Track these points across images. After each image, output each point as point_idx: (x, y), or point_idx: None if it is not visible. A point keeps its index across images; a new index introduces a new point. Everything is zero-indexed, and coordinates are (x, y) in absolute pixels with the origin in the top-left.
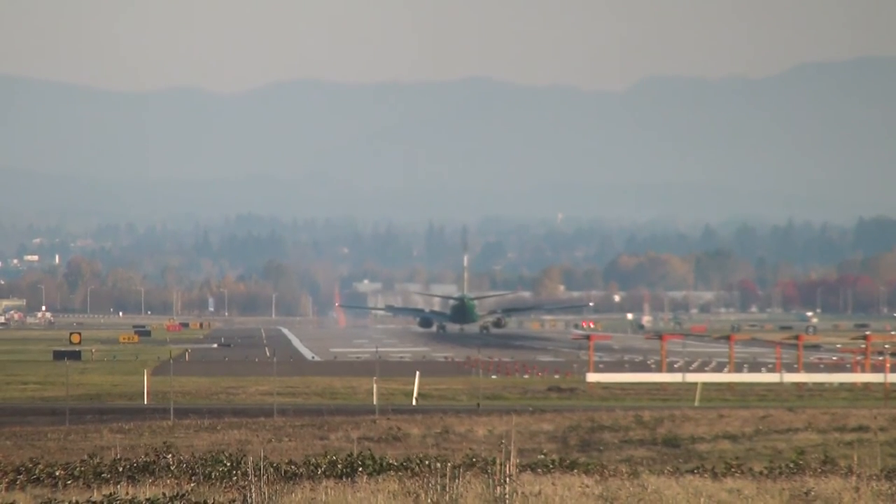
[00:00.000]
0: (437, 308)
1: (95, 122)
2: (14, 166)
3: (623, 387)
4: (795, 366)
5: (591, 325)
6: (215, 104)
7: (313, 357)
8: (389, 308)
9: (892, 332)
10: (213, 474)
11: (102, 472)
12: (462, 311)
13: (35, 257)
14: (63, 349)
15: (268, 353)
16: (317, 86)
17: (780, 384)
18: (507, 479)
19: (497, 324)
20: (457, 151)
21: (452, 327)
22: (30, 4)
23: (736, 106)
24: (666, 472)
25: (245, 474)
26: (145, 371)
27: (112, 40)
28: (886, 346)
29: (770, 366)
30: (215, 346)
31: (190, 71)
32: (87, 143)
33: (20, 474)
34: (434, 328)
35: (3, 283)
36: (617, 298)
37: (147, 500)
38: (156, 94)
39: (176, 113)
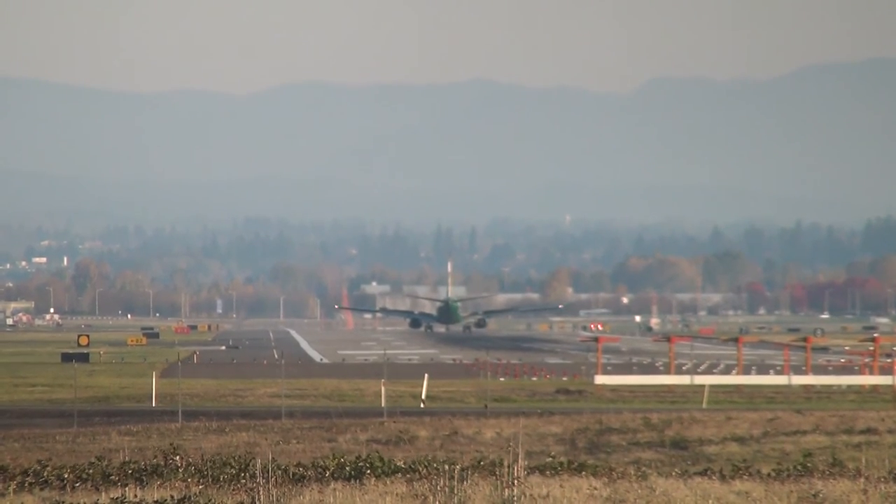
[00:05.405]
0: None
1: (103, 124)
2: (22, 168)
3: (631, 389)
4: (803, 368)
5: (600, 328)
6: (223, 106)
7: (321, 359)
8: (383, 310)
9: None
10: (221, 477)
11: (111, 475)
12: (447, 313)
13: (43, 259)
14: (71, 351)
15: (276, 356)
16: (324, 88)
17: (788, 386)
18: (515, 482)
19: (478, 324)
20: (464, 153)
21: (439, 327)
22: (54, 8)
23: (743, 107)
24: (674, 474)
25: (253, 476)
26: (153, 373)
27: (120, 42)
28: (895, 348)
29: (778, 368)
30: (223, 348)
31: (198, 73)
32: (95, 146)
33: (28, 477)
34: (423, 328)
35: (11, 285)
36: (625, 300)
37: (155, 502)
38: (164, 96)
39: (184, 115)
